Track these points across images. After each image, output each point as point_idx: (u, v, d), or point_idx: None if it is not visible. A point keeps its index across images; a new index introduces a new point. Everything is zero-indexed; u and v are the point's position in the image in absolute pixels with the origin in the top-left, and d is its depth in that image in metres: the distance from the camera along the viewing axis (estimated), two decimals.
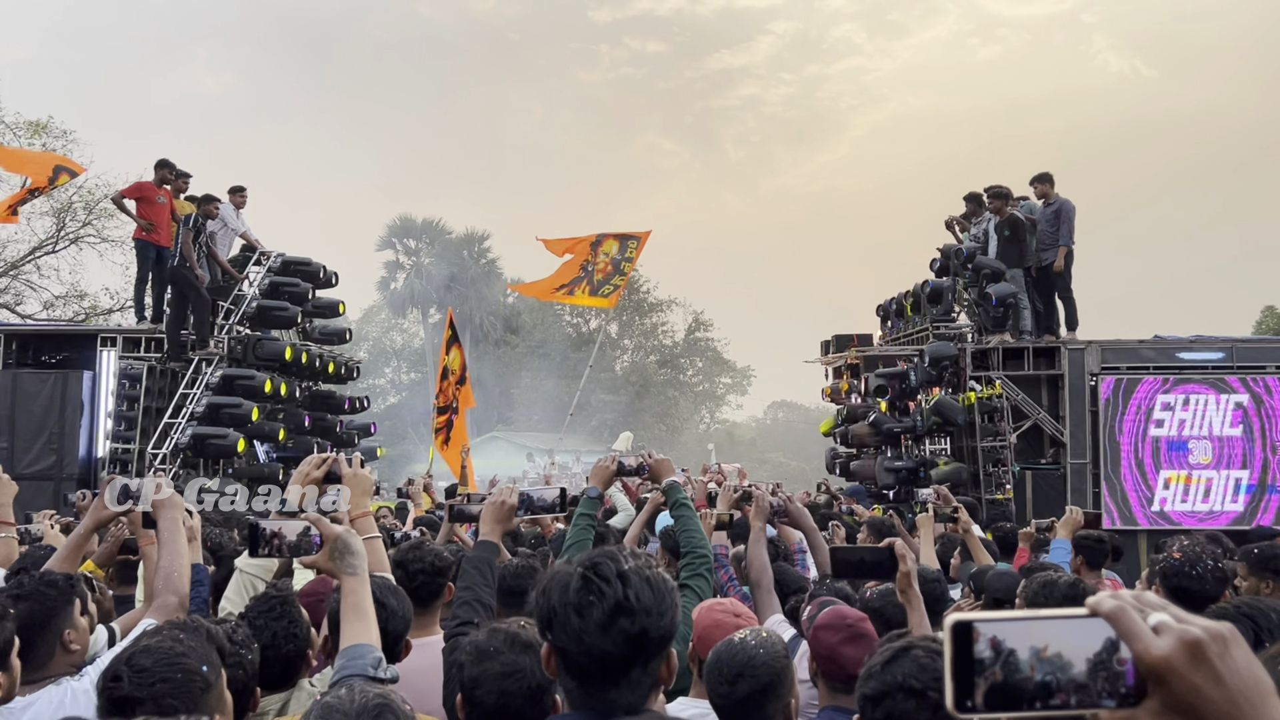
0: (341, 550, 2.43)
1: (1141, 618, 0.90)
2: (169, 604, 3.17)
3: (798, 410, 71.65)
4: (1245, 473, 11.16)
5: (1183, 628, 0.88)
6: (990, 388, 11.44)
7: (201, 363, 11.60)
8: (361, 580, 2.42)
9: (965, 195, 12.91)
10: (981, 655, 0.91)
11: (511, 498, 3.58)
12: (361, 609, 2.37)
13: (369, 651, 2.25)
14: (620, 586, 1.70)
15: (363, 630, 2.32)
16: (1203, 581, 3.35)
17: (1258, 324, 37.30)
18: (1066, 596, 3.32)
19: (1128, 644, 0.89)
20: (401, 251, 56.53)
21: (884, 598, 3.60)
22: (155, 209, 11.71)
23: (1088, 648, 0.90)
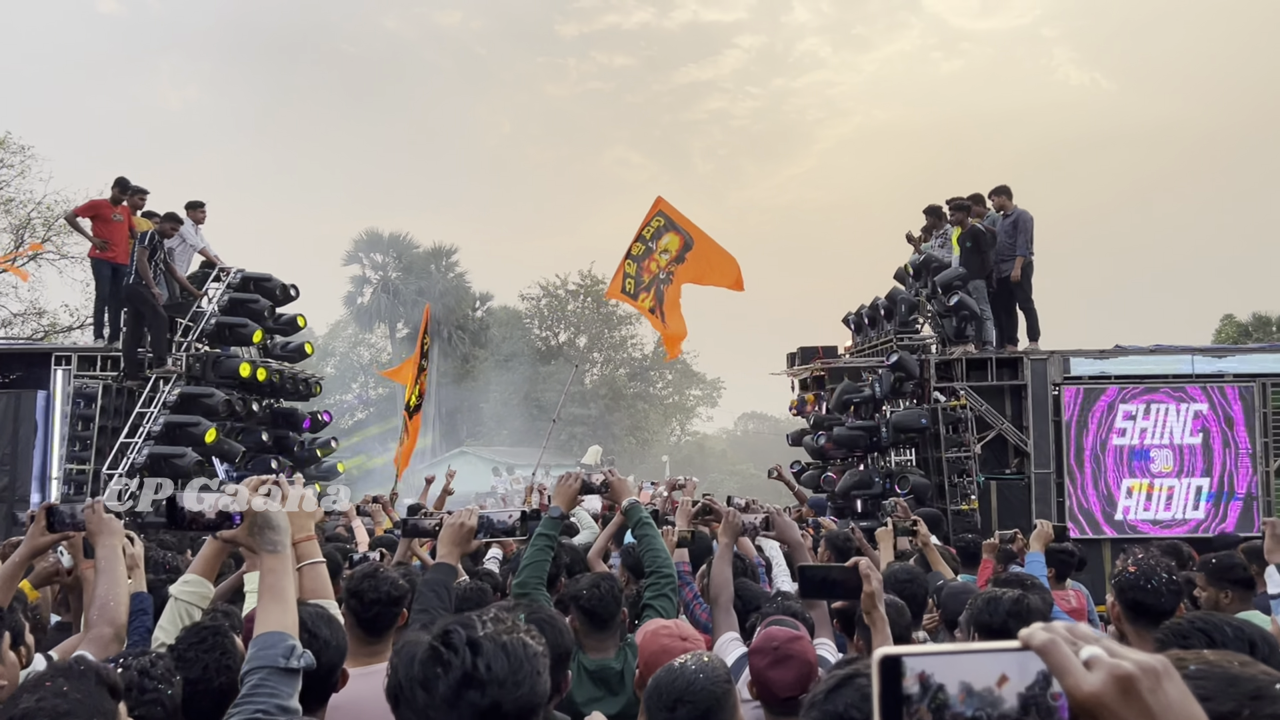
0: (262, 525, 2.30)
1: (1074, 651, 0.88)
2: (103, 635, 3.05)
3: (768, 421, 71.82)
4: (1206, 480, 11.26)
5: (1114, 662, 0.87)
6: (954, 399, 11.48)
7: (159, 381, 11.40)
8: (282, 559, 2.28)
9: (925, 208, 12.98)
10: (909, 691, 0.88)
11: (470, 520, 3.51)
12: (278, 590, 2.22)
13: (281, 640, 2.11)
14: (469, 655, 1.59)
15: (278, 615, 2.18)
16: (1158, 595, 3.32)
17: (1217, 332, 37.86)
18: (1011, 613, 3.28)
19: (1058, 679, 0.87)
20: (368, 266, 56.15)
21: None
22: (111, 227, 11.54)
23: (1020, 682, 0.87)
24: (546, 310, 55.12)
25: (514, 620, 1.73)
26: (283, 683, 2.07)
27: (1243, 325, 37.64)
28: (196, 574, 3.27)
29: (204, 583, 3.27)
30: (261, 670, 2.07)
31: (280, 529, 2.31)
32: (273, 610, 2.19)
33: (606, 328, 55.65)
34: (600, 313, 54.82)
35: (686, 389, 59.08)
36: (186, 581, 3.27)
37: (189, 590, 3.23)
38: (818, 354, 13.84)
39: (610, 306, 54.64)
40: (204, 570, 3.28)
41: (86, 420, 11.22)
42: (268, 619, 2.17)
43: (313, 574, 3.43)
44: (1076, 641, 0.89)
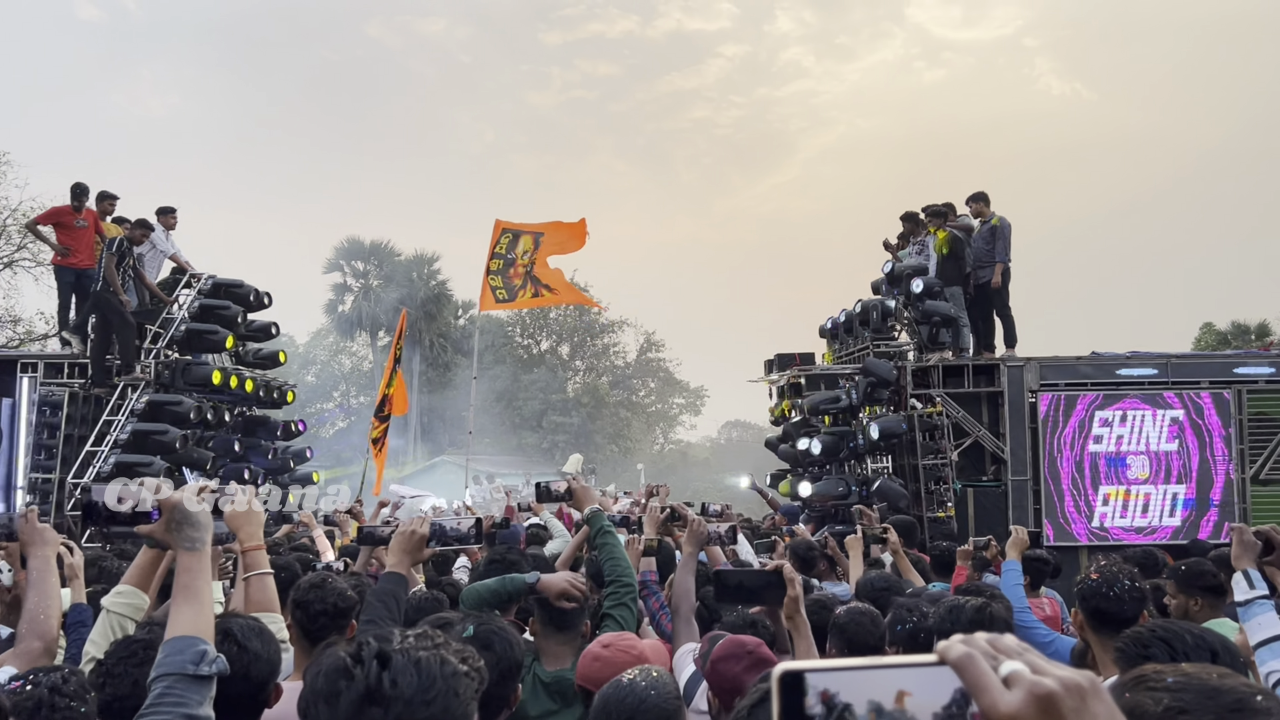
0: (180, 520, 2.18)
1: (993, 666, 0.82)
2: (32, 650, 2.94)
3: (751, 429, 71.74)
4: (1182, 487, 11.25)
5: (1035, 679, 0.81)
6: (931, 405, 11.43)
7: (127, 388, 11.23)
8: (199, 557, 2.15)
9: (902, 215, 12.96)
10: (812, 711, 0.81)
11: (422, 527, 3.39)
12: (193, 590, 2.10)
13: (191, 645, 2.00)
14: (375, 670, 1.50)
15: (190, 617, 2.06)
16: (1120, 602, 3.26)
17: (1197, 340, 38.13)
18: (974, 621, 3.21)
19: (974, 697, 0.80)
20: (349, 274, 55.90)
21: (851, 615, 3.47)
22: (74, 233, 11.40)
23: (936, 700, 0.80)
24: (529, 318, 54.99)
25: (445, 637, 1.63)
26: (191, 690, 1.95)
27: (1222, 333, 37.91)
28: (130, 584, 3.14)
29: (138, 593, 3.15)
30: (169, 677, 1.95)
31: (200, 525, 2.19)
32: (185, 612, 2.06)
33: (589, 336, 55.60)
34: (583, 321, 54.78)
35: (669, 397, 59.12)
36: (119, 593, 3.14)
37: (121, 601, 3.11)
38: (795, 361, 13.78)
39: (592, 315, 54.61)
40: (138, 580, 3.15)
41: (52, 428, 11.04)
42: (179, 621, 2.04)
43: (260, 585, 3.33)
44: (997, 656, 0.83)
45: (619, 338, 56.62)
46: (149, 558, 3.17)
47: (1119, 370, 11.66)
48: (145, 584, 3.18)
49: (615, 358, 56.72)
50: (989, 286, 11.72)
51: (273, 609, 3.25)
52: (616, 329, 56.14)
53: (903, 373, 11.61)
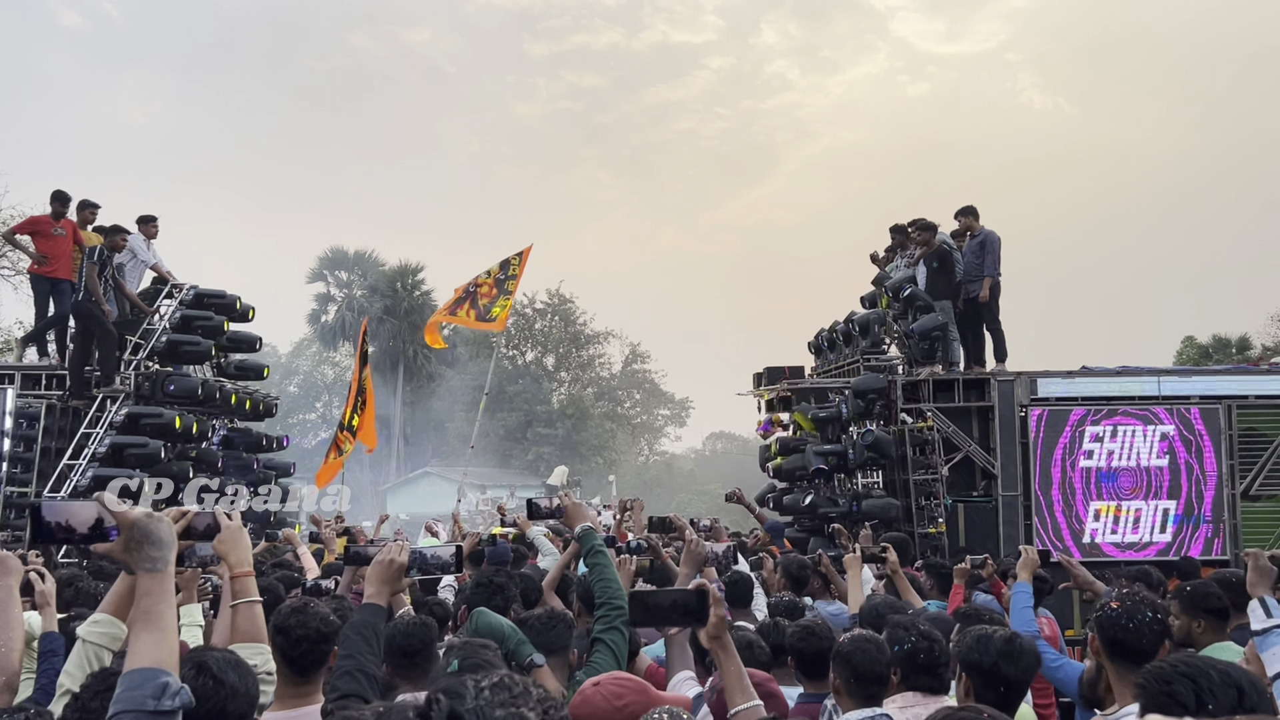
0: (140, 539, 1.99)
1: None
2: None
3: (736, 441, 71.75)
4: (1173, 503, 11.20)
5: None
6: (921, 420, 11.36)
7: (106, 400, 11.02)
8: (160, 579, 1.98)
9: (891, 227, 12.92)
10: None
11: (401, 556, 3.25)
12: (154, 616, 1.93)
13: (152, 678, 1.85)
14: None
15: (151, 646, 1.90)
16: (1140, 635, 3.15)
17: (1178, 354, 38.30)
18: (1003, 653, 3.09)
19: None
20: (333, 284, 55.66)
21: (855, 643, 3.35)
22: (52, 242, 11.21)
23: None
24: (514, 329, 54.81)
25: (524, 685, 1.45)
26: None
27: (1203, 347, 38.10)
28: (107, 613, 2.98)
29: (115, 623, 2.99)
30: (127, 714, 1.80)
31: (162, 544, 2.02)
32: (144, 641, 1.90)
33: (574, 347, 55.46)
34: (568, 332, 54.67)
35: (654, 408, 59.02)
36: (96, 622, 2.98)
37: (98, 631, 2.95)
38: (784, 374, 13.69)
39: (579, 325, 54.53)
40: (115, 609, 3.00)
41: (29, 441, 10.82)
42: (139, 651, 1.89)
43: (248, 614, 3.19)
44: None
45: (604, 349, 56.55)
46: (127, 585, 3.01)
47: (1110, 385, 11.62)
48: (123, 612, 3.01)
49: (600, 369, 56.61)
50: (978, 300, 11.67)
51: (260, 639, 3.12)
52: (602, 340, 56.06)
53: (893, 386, 11.54)
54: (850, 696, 3.21)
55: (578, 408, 52.37)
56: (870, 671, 3.21)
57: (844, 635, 3.50)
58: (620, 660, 3.63)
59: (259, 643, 3.04)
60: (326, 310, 55.22)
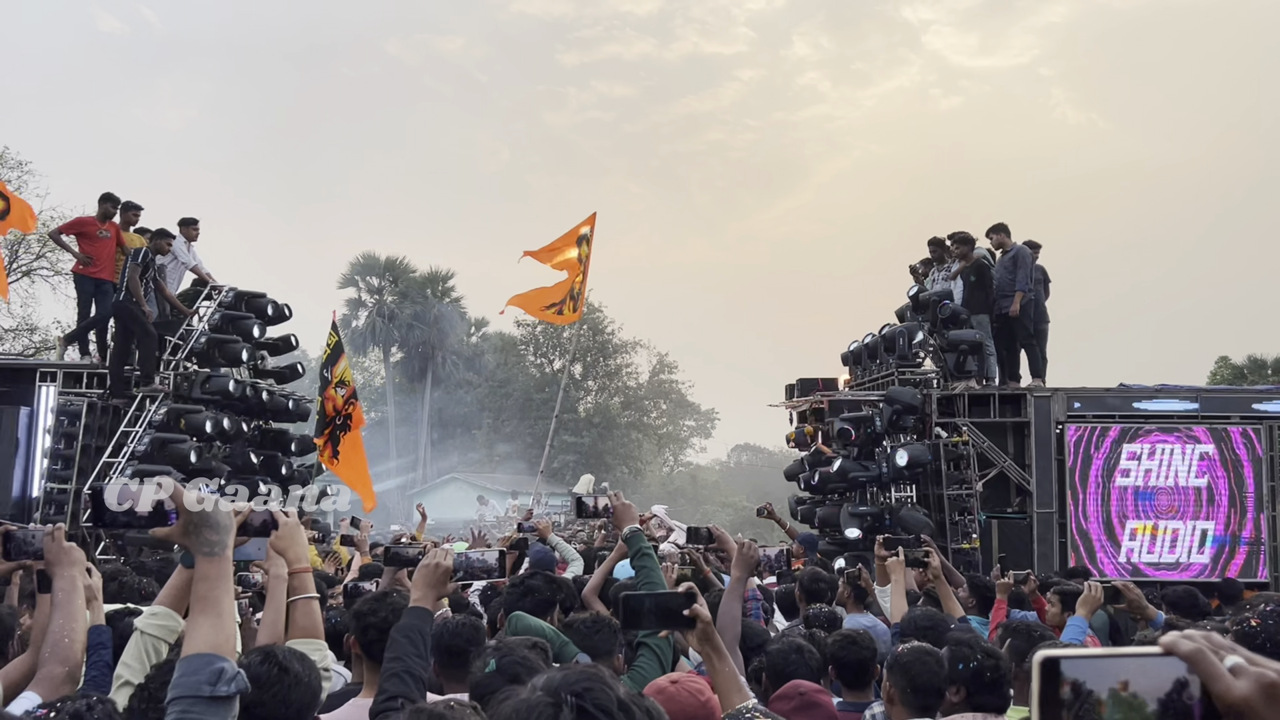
0: (199, 524, 2.00)
1: (1218, 659, 0.95)
2: (55, 675, 2.82)
3: (761, 453, 71.48)
4: (1211, 524, 11.05)
5: (1259, 670, 0.94)
6: (956, 435, 11.28)
7: (145, 399, 11.16)
8: (219, 564, 1.99)
9: (929, 240, 12.85)
10: (1064, 696, 0.96)
11: (446, 560, 3.25)
12: (211, 601, 1.93)
13: (208, 663, 1.84)
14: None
15: (209, 631, 1.90)
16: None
17: (1212, 374, 37.80)
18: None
19: (1209, 684, 0.94)
20: (364, 290, 56.00)
21: (915, 654, 3.32)
22: (97, 244, 11.36)
23: (1160, 687, 0.94)
24: (541, 337, 54.94)
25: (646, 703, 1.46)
26: (209, 712, 1.82)
27: (1238, 367, 37.60)
28: (164, 605, 3.01)
29: (172, 615, 3.02)
30: (184, 700, 1.81)
31: (221, 528, 2.03)
32: (202, 626, 1.90)
33: (602, 356, 55.49)
34: (595, 341, 54.70)
35: (680, 419, 58.88)
36: (153, 614, 3.02)
37: (156, 624, 2.98)
38: (817, 386, 13.64)
39: (607, 334, 54.58)
40: (172, 601, 3.03)
41: (70, 438, 10.96)
42: (196, 636, 1.89)
43: (306, 609, 3.22)
44: (1218, 650, 0.95)
45: (631, 359, 56.52)
46: (184, 578, 3.04)
47: (1148, 403, 11.50)
48: (180, 605, 3.04)
49: (627, 378, 56.58)
50: (1010, 316, 11.58)
51: (318, 634, 3.14)
52: (629, 350, 56.05)
53: (928, 401, 11.46)
54: (904, 706, 3.18)
55: (604, 417, 52.37)
56: (928, 684, 3.18)
57: (902, 645, 3.46)
58: (665, 665, 3.62)
59: (317, 638, 3.05)
60: (357, 315, 55.56)
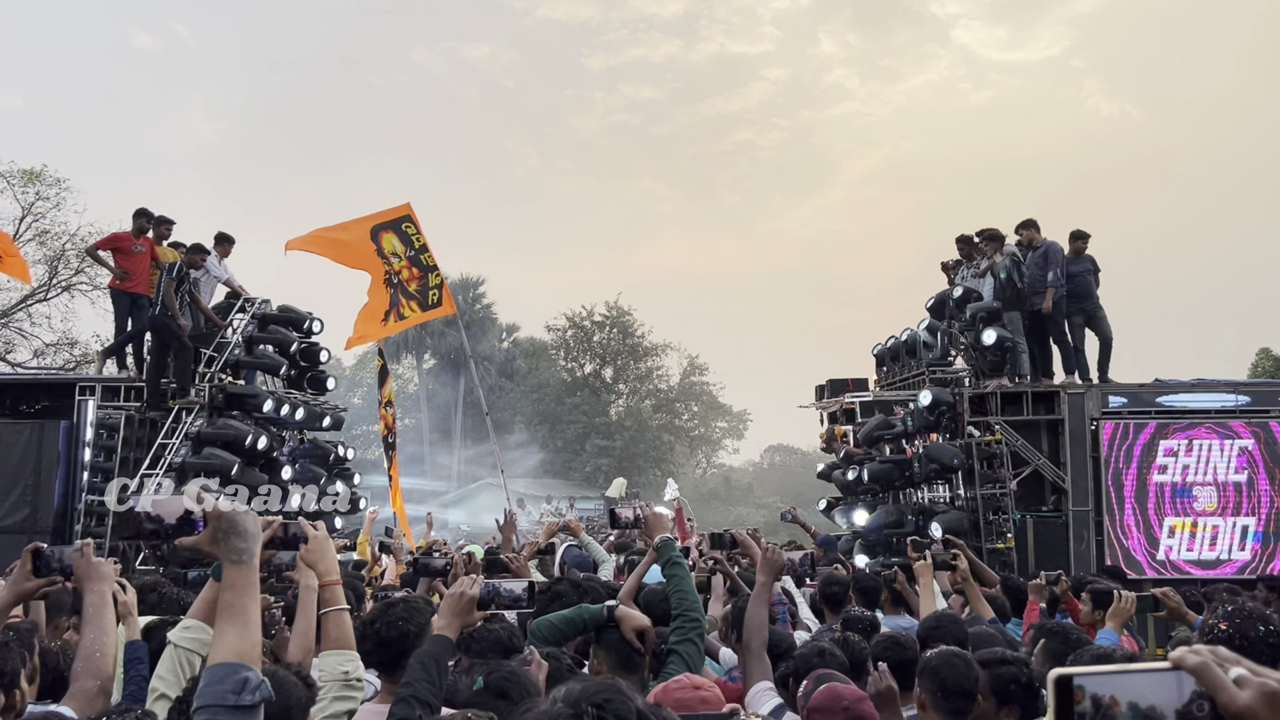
0: (227, 530, 2.03)
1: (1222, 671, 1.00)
2: (88, 689, 2.88)
3: (794, 454, 71.18)
4: (1252, 520, 10.88)
5: (1262, 680, 0.99)
6: (989, 434, 11.18)
7: (182, 412, 11.32)
8: (245, 572, 2.01)
9: (957, 238, 12.76)
10: (1083, 710, 0.99)
11: (473, 589, 3.25)
12: (238, 610, 1.95)
13: (233, 673, 1.87)
14: None
15: (234, 639, 1.92)
16: (1256, 653, 3.06)
17: (1253, 366, 37.17)
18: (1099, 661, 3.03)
19: (1214, 695, 0.98)
20: None
21: (944, 658, 3.30)
22: (133, 259, 11.55)
23: (1175, 699, 0.99)
24: (573, 341, 55.07)
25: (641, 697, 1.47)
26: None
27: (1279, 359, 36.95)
28: (197, 619, 3.07)
29: (205, 628, 3.06)
30: (209, 709, 1.84)
31: (248, 535, 2.06)
32: (228, 635, 1.93)
33: (633, 359, 55.51)
34: (626, 344, 54.73)
35: (712, 421, 58.75)
36: (187, 627, 3.06)
37: (189, 637, 3.02)
38: (847, 387, 13.59)
39: (637, 337, 54.60)
40: (205, 614, 3.07)
41: (109, 451, 11.14)
42: (222, 645, 1.92)
43: (338, 621, 3.25)
44: (1223, 663, 1.01)
45: (662, 361, 56.50)
46: (216, 591, 3.09)
47: (1184, 397, 11.34)
48: (213, 618, 3.09)
49: (658, 381, 56.56)
50: (1042, 312, 11.48)
51: (349, 646, 3.17)
52: (659, 352, 56.04)
53: (960, 399, 11.38)
54: (936, 711, 3.17)
55: (636, 420, 52.39)
56: (959, 687, 3.16)
57: (930, 650, 3.45)
58: (694, 671, 3.63)
59: (348, 650, 3.09)
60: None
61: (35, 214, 27.55)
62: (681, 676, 3.05)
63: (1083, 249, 11.69)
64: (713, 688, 2.94)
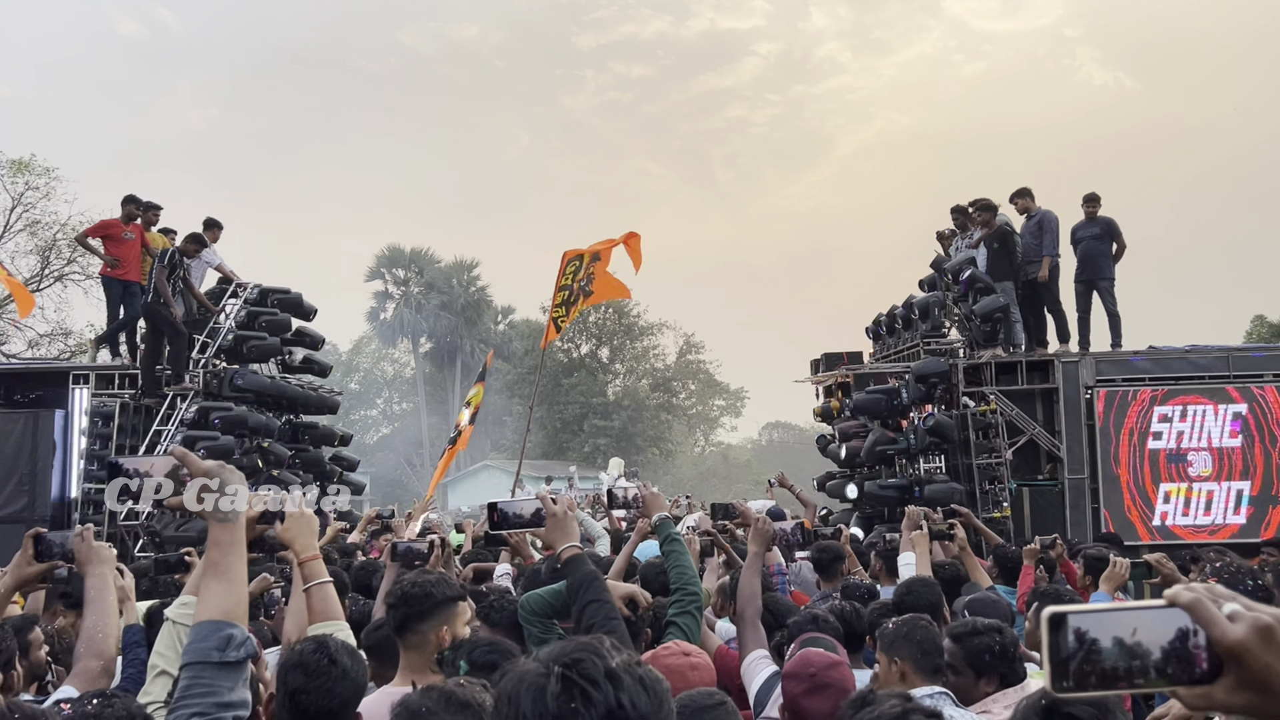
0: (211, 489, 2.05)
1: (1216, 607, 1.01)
2: (91, 669, 2.90)
3: (793, 430, 71.39)
4: (1246, 484, 10.92)
5: (1254, 614, 0.99)
6: (984, 403, 11.20)
7: (176, 398, 11.31)
8: (231, 529, 2.02)
9: (952, 208, 12.75)
10: (1070, 644, 1.02)
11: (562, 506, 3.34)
12: (224, 567, 1.96)
13: (217, 630, 1.89)
14: (611, 689, 1.36)
15: (220, 596, 1.94)
16: None
17: (1248, 333, 37.25)
18: None
19: (1207, 630, 1.00)
20: (390, 281, 56.38)
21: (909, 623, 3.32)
22: (123, 245, 11.51)
23: (1164, 636, 1.01)
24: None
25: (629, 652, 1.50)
26: (220, 677, 1.87)
27: (1275, 325, 37.02)
28: (193, 594, 3.08)
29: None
30: (194, 666, 1.86)
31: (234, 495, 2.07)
32: (213, 591, 1.95)
33: (629, 339, 55.53)
34: (622, 324, 54.74)
35: (710, 399, 58.87)
36: (183, 603, 3.06)
37: (186, 613, 3.02)
38: (842, 360, 13.59)
39: (632, 317, 54.60)
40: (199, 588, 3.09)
41: (104, 439, 11.14)
42: (207, 603, 1.94)
43: (321, 594, 3.26)
44: (1217, 599, 1.01)
45: (658, 340, 56.54)
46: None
47: (1178, 364, 11.37)
48: None
49: (655, 360, 56.61)
50: (1038, 281, 11.48)
51: (337, 616, 3.18)
52: (656, 331, 56.07)
53: (954, 370, 11.39)
54: (920, 674, 3.18)
55: (633, 399, 52.47)
56: (933, 644, 3.18)
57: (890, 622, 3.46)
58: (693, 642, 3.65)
59: (336, 620, 3.10)
60: (385, 308, 55.97)
61: (25, 204, 27.43)
62: (671, 644, 3.07)
63: (1094, 213, 11.63)
64: (702, 654, 2.95)
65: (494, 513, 3.56)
